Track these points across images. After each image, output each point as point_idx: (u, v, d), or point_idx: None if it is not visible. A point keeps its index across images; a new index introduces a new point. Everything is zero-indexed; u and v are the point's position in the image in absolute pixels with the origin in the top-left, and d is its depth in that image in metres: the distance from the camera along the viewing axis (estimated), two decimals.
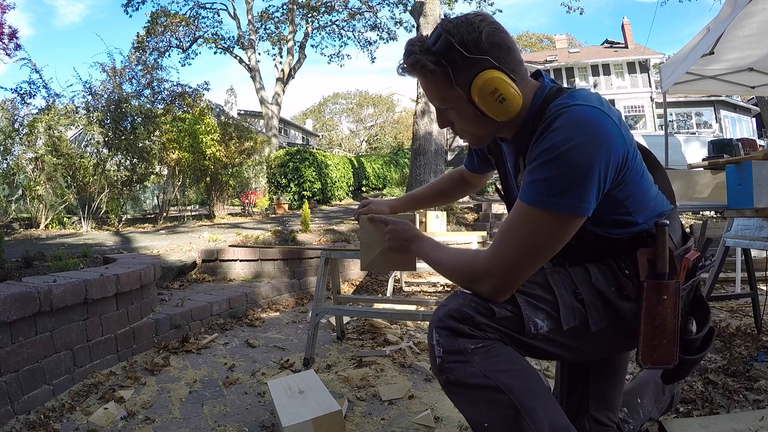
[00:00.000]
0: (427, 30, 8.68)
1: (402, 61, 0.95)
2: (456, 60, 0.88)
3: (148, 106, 6.94)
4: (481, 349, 0.86)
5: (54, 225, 5.87)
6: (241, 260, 3.82)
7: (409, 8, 10.59)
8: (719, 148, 3.74)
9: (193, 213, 8.78)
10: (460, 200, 10.45)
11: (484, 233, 4.98)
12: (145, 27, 15.37)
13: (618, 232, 0.93)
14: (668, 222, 0.91)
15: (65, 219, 6.11)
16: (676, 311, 0.90)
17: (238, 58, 17.09)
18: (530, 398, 0.84)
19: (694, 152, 10.59)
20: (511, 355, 0.88)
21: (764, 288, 3.07)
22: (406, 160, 18.06)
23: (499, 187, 1.20)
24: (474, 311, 0.88)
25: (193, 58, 20.37)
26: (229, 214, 8.37)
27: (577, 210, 0.82)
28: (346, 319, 2.82)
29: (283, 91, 16.90)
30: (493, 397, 0.84)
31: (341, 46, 32.37)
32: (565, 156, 0.80)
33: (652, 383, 1.31)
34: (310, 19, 17.60)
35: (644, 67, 22.16)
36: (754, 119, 22.27)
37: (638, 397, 1.26)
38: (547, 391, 0.88)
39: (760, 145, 4.96)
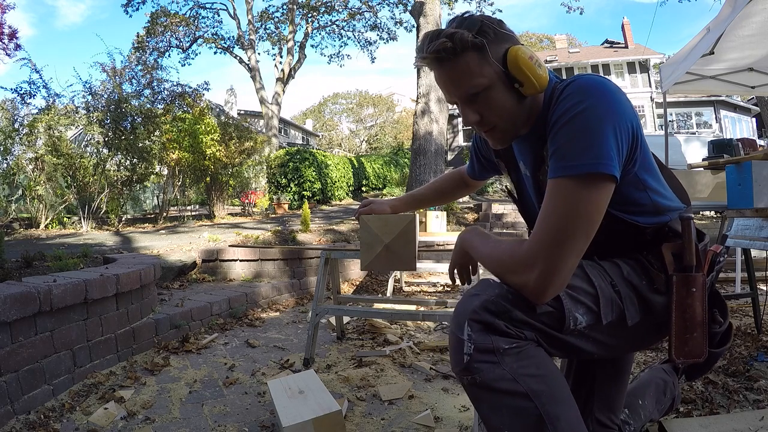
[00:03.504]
0: (427, 30, 8.67)
1: (428, 46, 0.89)
2: (489, 34, 0.88)
3: (148, 106, 6.95)
4: (514, 349, 0.80)
5: (54, 225, 5.87)
6: (241, 260, 3.82)
7: (409, 8, 10.59)
8: (719, 148, 3.74)
9: (193, 213, 8.79)
10: (460, 200, 10.44)
11: None
12: (145, 27, 15.37)
13: (644, 221, 0.93)
14: (693, 216, 0.92)
15: (65, 219, 6.11)
16: (703, 304, 0.90)
17: (238, 58, 17.10)
18: (555, 406, 0.80)
19: (694, 152, 10.60)
20: (542, 357, 0.83)
21: (764, 288, 3.07)
22: (406, 160, 18.06)
23: (510, 188, 1.19)
24: (512, 304, 0.81)
25: (193, 58, 20.40)
26: (229, 214, 8.37)
27: (600, 167, 0.78)
28: (346, 319, 2.82)
29: (283, 91, 16.90)
30: (519, 403, 0.79)
31: (341, 46, 32.37)
32: (575, 118, 0.81)
33: (654, 385, 1.31)
34: (310, 19, 17.60)
35: (644, 67, 22.16)
36: (754, 119, 22.28)
37: (640, 399, 1.26)
38: (571, 399, 0.84)
39: (760, 145, 4.95)
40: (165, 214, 7.52)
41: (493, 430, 0.83)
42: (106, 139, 6.16)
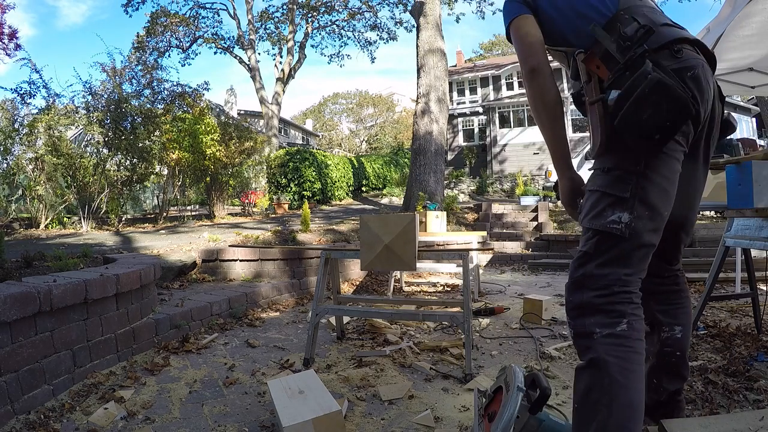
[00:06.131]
0: (427, 30, 8.66)
1: None
2: None
3: (148, 106, 6.95)
4: (609, 337, 0.95)
5: (54, 225, 5.87)
6: (241, 260, 3.82)
7: (409, 8, 10.59)
8: (719, 148, 3.73)
9: (193, 213, 8.79)
10: (460, 200, 10.43)
11: (484, 233, 4.98)
12: (145, 27, 15.37)
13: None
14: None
15: (65, 219, 6.11)
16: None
17: (238, 58, 17.10)
18: (625, 400, 0.91)
19: None
20: (635, 357, 0.95)
21: (764, 288, 3.07)
22: (406, 160, 18.05)
23: None
24: (588, 260, 1.01)
25: (193, 58, 20.45)
26: (229, 214, 8.37)
27: (506, 18, 1.20)
28: (346, 319, 2.82)
29: (283, 91, 16.89)
30: (599, 382, 0.93)
31: (341, 46, 32.45)
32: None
33: None
34: (310, 19, 17.60)
35: None
36: (754, 119, 22.27)
37: None
38: (640, 407, 0.93)
39: (760, 145, 4.95)
40: (165, 214, 7.52)
41: (574, 392, 1.00)
42: (106, 139, 6.16)
